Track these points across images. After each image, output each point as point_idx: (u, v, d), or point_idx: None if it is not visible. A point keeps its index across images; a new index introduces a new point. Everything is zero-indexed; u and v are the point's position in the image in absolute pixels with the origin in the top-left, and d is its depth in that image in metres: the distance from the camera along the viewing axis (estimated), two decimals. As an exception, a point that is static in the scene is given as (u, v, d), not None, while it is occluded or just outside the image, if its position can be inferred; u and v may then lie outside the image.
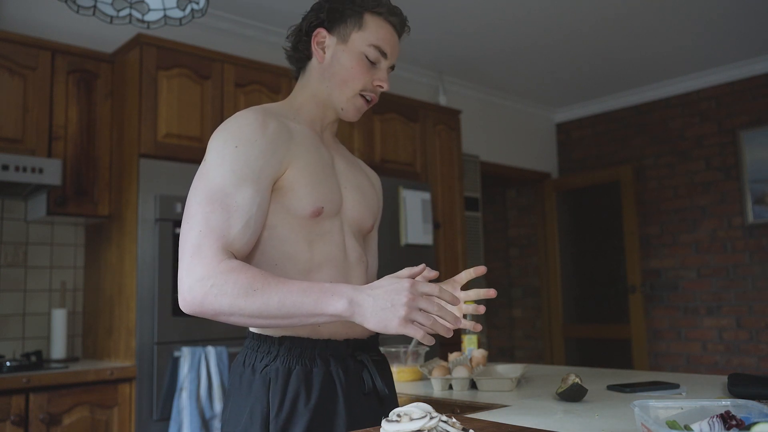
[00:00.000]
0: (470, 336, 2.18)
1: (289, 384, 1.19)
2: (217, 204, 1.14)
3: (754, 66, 4.77)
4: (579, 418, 1.35)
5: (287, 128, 1.27)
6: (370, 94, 1.34)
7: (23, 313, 2.97)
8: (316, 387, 1.20)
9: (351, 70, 1.32)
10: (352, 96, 1.33)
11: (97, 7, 1.80)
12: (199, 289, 1.08)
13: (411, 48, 4.34)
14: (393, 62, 1.36)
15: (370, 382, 1.26)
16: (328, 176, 1.30)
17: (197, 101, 3.01)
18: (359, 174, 1.42)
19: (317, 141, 1.33)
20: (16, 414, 2.39)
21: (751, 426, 0.85)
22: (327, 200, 1.26)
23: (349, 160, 1.43)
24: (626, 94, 5.44)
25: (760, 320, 4.65)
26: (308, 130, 1.33)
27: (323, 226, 1.27)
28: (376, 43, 1.32)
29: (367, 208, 1.37)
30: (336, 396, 1.21)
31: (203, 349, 2.74)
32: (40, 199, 2.84)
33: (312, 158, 1.27)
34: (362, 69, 1.32)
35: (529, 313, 5.94)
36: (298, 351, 1.21)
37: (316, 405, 1.19)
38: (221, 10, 3.66)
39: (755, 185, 4.69)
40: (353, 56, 1.32)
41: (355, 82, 1.32)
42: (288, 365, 1.20)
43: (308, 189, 1.23)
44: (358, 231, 1.36)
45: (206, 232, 1.12)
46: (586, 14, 3.93)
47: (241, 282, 1.08)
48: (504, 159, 5.36)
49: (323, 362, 1.22)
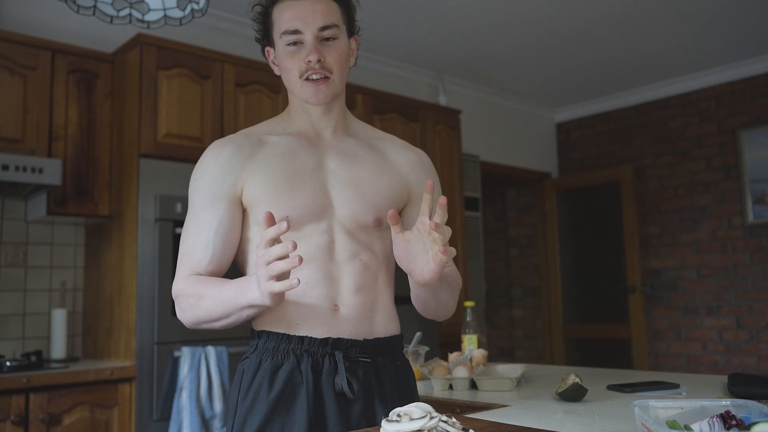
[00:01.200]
0: (470, 336, 2.18)
1: (256, 376, 1.26)
2: (187, 232, 1.31)
3: (754, 66, 4.77)
4: (579, 418, 1.35)
5: (250, 146, 1.34)
6: (311, 72, 1.31)
7: (23, 313, 2.97)
8: (280, 381, 1.24)
9: (283, 66, 1.35)
10: (300, 86, 1.33)
11: (97, 7, 1.80)
12: (177, 309, 1.30)
13: (411, 48, 4.34)
14: (318, 26, 1.30)
15: (339, 383, 1.24)
16: (302, 182, 1.31)
17: (197, 101, 3.01)
18: (359, 168, 1.36)
19: (299, 147, 1.35)
20: (16, 414, 2.39)
21: (751, 426, 0.85)
22: (294, 207, 1.28)
23: (350, 153, 1.38)
24: (626, 94, 5.44)
25: (760, 320, 4.64)
26: (291, 138, 1.37)
27: (303, 230, 1.29)
28: (284, 29, 1.31)
29: (361, 204, 1.33)
30: (299, 392, 1.23)
31: (203, 349, 2.74)
32: (40, 199, 2.84)
33: (279, 168, 1.31)
34: (289, 59, 1.32)
35: (529, 313, 5.94)
36: (272, 345, 1.27)
37: (277, 397, 1.23)
38: (221, 10, 3.66)
39: (755, 185, 4.69)
40: (281, 54, 1.34)
41: (292, 73, 1.33)
42: (260, 358, 1.27)
43: (269, 201, 1.28)
44: (357, 228, 1.32)
45: (180, 258, 1.31)
46: (586, 14, 3.93)
47: (191, 296, 1.25)
48: (504, 159, 5.36)
49: (295, 358, 1.25)
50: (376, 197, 1.35)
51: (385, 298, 1.36)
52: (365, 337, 1.30)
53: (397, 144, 1.47)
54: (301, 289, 1.25)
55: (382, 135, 1.48)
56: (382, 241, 1.36)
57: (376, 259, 1.35)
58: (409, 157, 1.44)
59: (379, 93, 3.92)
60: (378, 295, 1.34)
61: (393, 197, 1.37)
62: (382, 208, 1.34)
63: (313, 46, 1.30)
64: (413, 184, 1.41)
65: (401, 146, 1.46)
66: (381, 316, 1.34)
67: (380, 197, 1.35)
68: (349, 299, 1.29)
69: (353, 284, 1.30)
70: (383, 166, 1.39)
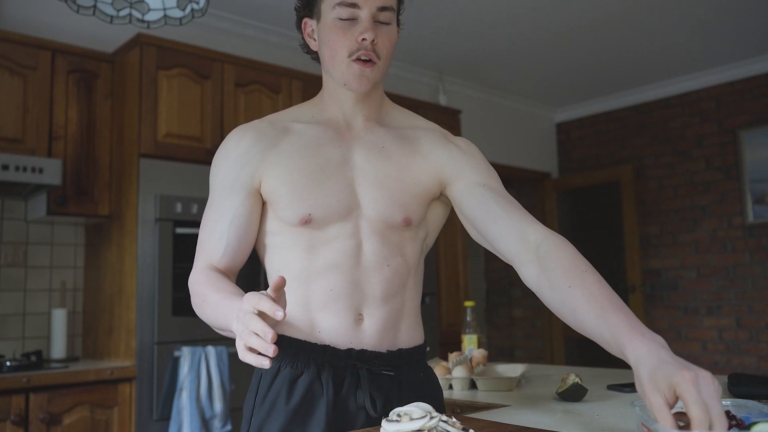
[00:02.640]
0: (470, 336, 2.18)
1: (274, 383, 1.19)
2: (205, 219, 1.26)
3: (754, 66, 4.77)
4: (579, 418, 1.34)
5: (273, 135, 1.25)
6: (362, 53, 1.19)
7: (23, 313, 2.97)
8: (299, 391, 1.17)
9: (330, 41, 1.21)
10: (345, 66, 1.21)
11: (97, 6, 1.80)
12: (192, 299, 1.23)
13: (411, 48, 4.34)
14: (377, 5, 1.20)
15: (361, 398, 1.17)
16: (328, 178, 1.21)
17: (197, 101, 3.01)
18: (386, 162, 1.26)
19: (326, 138, 1.26)
20: (16, 414, 2.39)
21: (751, 426, 0.85)
22: (318, 206, 1.19)
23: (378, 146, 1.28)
24: (626, 94, 5.44)
25: (760, 320, 4.64)
26: (318, 128, 1.27)
27: (328, 231, 1.20)
28: (340, 0, 1.19)
29: (390, 203, 1.22)
30: (318, 404, 1.16)
31: (203, 349, 2.74)
32: (40, 199, 2.84)
33: (302, 162, 1.22)
34: (340, 34, 1.20)
35: (529, 313, 5.93)
36: (292, 351, 1.19)
37: (295, 408, 1.16)
38: (221, 10, 3.66)
39: (755, 185, 4.69)
40: (328, 27, 1.22)
41: (339, 51, 1.20)
42: (278, 364, 1.19)
43: (290, 198, 1.20)
44: (387, 229, 1.23)
45: (198, 245, 1.26)
46: (586, 14, 3.93)
47: (197, 295, 1.19)
48: (504, 159, 5.36)
49: (316, 368, 1.17)
50: (403, 196, 1.24)
51: (411, 306, 1.27)
52: (389, 349, 1.22)
53: (435, 134, 1.34)
54: (323, 298, 1.19)
55: (420, 124, 1.37)
56: (413, 242, 1.27)
57: (406, 264, 1.26)
58: (446, 148, 1.31)
59: (379, 93, 3.91)
60: (405, 302, 1.25)
61: (421, 194, 1.27)
62: (411, 207, 1.25)
63: (370, 24, 1.19)
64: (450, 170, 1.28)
65: (439, 136, 1.34)
66: (406, 325, 1.26)
67: (407, 195, 1.25)
68: (374, 310, 1.20)
69: (380, 293, 1.21)
70: (411, 158, 1.28)
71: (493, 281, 6.18)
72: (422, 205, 1.28)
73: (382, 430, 0.94)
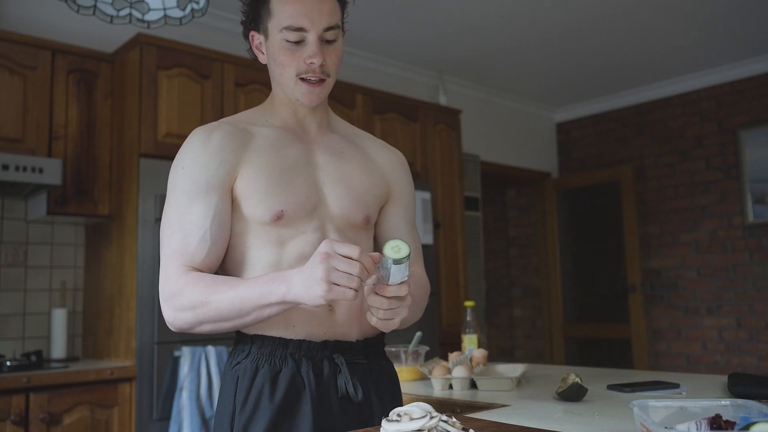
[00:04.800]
0: (470, 336, 2.18)
1: (255, 382, 1.20)
2: (175, 226, 1.22)
3: (754, 66, 4.77)
4: (579, 418, 1.35)
5: (240, 135, 1.27)
6: (311, 75, 1.24)
7: (23, 313, 2.97)
8: (282, 386, 1.19)
9: (278, 61, 1.26)
10: (294, 83, 1.26)
11: (97, 6, 1.80)
12: (169, 309, 1.19)
13: (411, 48, 4.34)
14: (323, 26, 1.23)
15: (343, 386, 1.21)
16: (295, 177, 1.26)
17: (197, 101, 3.02)
18: (347, 165, 1.34)
19: (287, 140, 1.30)
20: (16, 414, 2.40)
21: (751, 426, 0.85)
22: (289, 202, 1.23)
23: (337, 150, 1.35)
24: (626, 94, 5.44)
25: (760, 320, 4.65)
26: (277, 130, 1.31)
27: (295, 227, 1.24)
28: (287, 24, 1.22)
29: (353, 202, 1.30)
30: (302, 397, 1.19)
31: (203, 348, 2.74)
32: (40, 198, 2.84)
33: (271, 161, 1.25)
34: (288, 55, 1.24)
35: (529, 313, 5.94)
36: (269, 350, 1.22)
37: (281, 403, 1.18)
38: (221, 10, 3.66)
39: (755, 185, 4.69)
40: (276, 47, 1.25)
41: (287, 70, 1.25)
42: (256, 364, 1.22)
43: (263, 195, 1.22)
44: (348, 226, 1.30)
45: (169, 254, 1.21)
46: (586, 14, 3.93)
47: (196, 293, 1.16)
48: (504, 159, 5.36)
49: (294, 363, 1.21)
50: (366, 195, 1.33)
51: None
52: (357, 338, 1.28)
53: (377, 143, 1.45)
54: None
55: (361, 132, 1.46)
56: (368, 240, 1.36)
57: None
58: (389, 156, 1.43)
59: (379, 93, 3.91)
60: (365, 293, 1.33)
61: (379, 195, 1.37)
62: (371, 206, 1.34)
63: (317, 47, 1.23)
64: (393, 183, 1.41)
65: (381, 145, 1.45)
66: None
67: (369, 195, 1.34)
68: None
69: None
70: (368, 163, 1.38)
71: (493, 281, 6.18)
72: (379, 205, 1.37)
73: (382, 430, 0.94)
